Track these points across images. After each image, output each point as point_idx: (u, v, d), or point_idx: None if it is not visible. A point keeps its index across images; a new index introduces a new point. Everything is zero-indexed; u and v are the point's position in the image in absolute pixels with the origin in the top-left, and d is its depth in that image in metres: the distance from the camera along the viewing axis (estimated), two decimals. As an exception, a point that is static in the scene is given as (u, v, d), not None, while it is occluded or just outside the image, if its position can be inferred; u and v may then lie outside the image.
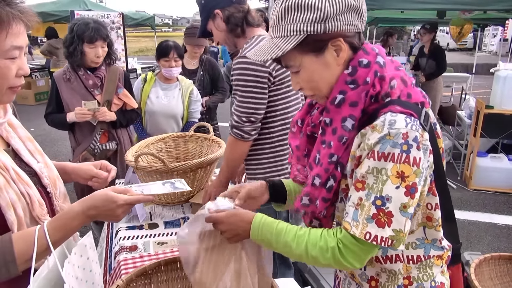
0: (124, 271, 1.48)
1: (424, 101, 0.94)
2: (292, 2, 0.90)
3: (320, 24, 0.88)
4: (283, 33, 0.92)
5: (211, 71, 3.55)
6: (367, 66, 0.92)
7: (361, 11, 0.92)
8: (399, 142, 0.83)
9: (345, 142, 0.91)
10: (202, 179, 2.02)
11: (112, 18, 6.24)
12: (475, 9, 4.65)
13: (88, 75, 2.46)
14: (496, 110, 4.27)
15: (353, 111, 0.90)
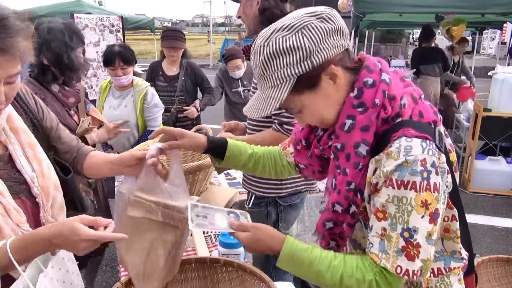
0: (123, 273, 1.49)
1: (436, 120, 0.89)
2: (270, 50, 0.86)
3: (305, 62, 0.85)
4: (272, 82, 0.89)
5: (193, 75, 3.42)
6: (373, 86, 0.88)
7: (341, 30, 0.88)
8: (418, 169, 0.80)
9: (361, 168, 0.88)
10: (201, 181, 2.03)
11: (112, 21, 6.26)
12: (473, 13, 4.68)
13: (66, 91, 1.98)
14: (494, 113, 4.28)
15: (365, 136, 0.87)
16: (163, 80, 3.34)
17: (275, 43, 0.86)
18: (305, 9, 0.90)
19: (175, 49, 3.23)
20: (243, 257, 1.39)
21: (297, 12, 0.90)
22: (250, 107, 0.94)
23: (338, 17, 0.88)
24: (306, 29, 0.84)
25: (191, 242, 1.70)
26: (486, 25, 7.61)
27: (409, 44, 21.28)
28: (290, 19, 0.87)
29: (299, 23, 0.85)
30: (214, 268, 1.20)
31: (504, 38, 10.91)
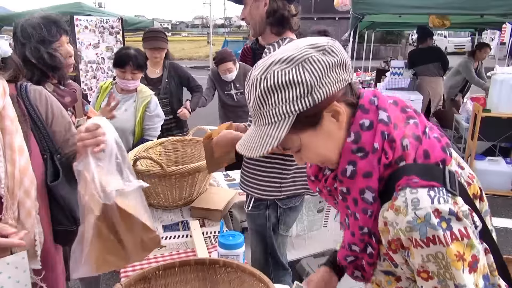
0: (123, 274, 1.49)
1: (445, 157, 0.81)
2: (268, 84, 0.78)
3: (306, 98, 0.78)
4: (269, 119, 0.81)
5: (176, 76, 3.29)
6: (371, 128, 0.81)
7: (344, 63, 0.81)
8: (435, 222, 0.73)
9: (371, 215, 0.83)
10: (200, 182, 2.03)
11: (111, 23, 6.26)
12: (472, 14, 4.69)
13: (61, 90, 1.87)
14: (493, 113, 4.29)
15: (369, 182, 0.81)
16: (146, 83, 3.08)
17: (274, 77, 0.78)
18: (306, 40, 0.83)
19: (158, 50, 3.13)
20: (242, 258, 1.39)
21: (297, 43, 0.83)
22: (245, 146, 0.85)
23: (341, 50, 0.82)
24: (308, 63, 0.78)
25: (191, 243, 1.70)
26: (485, 26, 7.61)
27: (409, 45, 21.29)
28: (290, 50, 0.80)
29: (300, 55, 0.78)
30: (213, 269, 1.21)
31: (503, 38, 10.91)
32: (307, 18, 18.94)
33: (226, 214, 2.08)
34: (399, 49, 19.10)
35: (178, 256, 1.62)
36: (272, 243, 1.86)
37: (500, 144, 4.55)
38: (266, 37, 1.74)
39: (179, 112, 3.18)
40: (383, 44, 19.31)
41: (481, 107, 4.33)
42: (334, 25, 21.32)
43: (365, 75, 8.43)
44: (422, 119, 0.86)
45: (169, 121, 3.18)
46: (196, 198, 2.04)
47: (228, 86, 3.63)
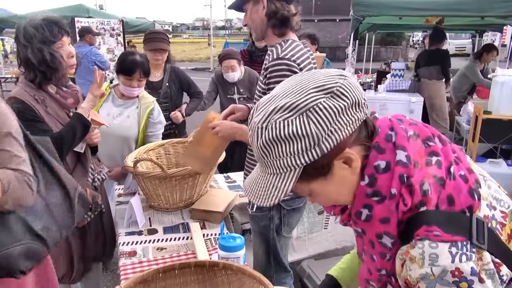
0: (123, 276, 1.49)
1: (472, 204, 0.71)
2: (270, 136, 0.71)
3: (313, 150, 0.70)
4: (274, 170, 0.74)
5: (177, 81, 3.17)
6: (387, 171, 0.73)
7: (357, 102, 0.72)
8: (450, 280, 0.66)
9: (390, 258, 0.77)
10: (201, 185, 2.03)
11: (112, 25, 6.28)
12: (473, 15, 4.69)
13: (64, 92, 1.86)
14: (494, 115, 4.28)
15: (387, 228, 0.74)
16: (145, 87, 2.83)
17: (275, 128, 0.70)
18: (311, 79, 0.73)
19: (160, 51, 3.00)
20: (243, 260, 1.39)
21: (302, 82, 0.73)
22: (251, 191, 0.79)
23: (354, 88, 0.72)
24: (313, 112, 0.69)
25: (191, 245, 1.70)
26: (486, 28, 7.61)
27: (409, 47, 21.29)
28: (294, 94, 0.71)
29: (304, 103, 0.69)
30: (213, 271, 1.20)
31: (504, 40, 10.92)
32: (307, 20, 18.95)
33: (227, 216, 2.08)
34: (400, 51, 19.10)
35: (178, 258, 1.62)
36: (275, 245, 1.86)
37: (501, 146, 4.54)
38: (269, 39, 1.76)
39: (173, 114, 3.06)
40: (383, 46, 19.32)
41: (482, 109, 4.33)
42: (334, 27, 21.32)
43: (365, 77, 8.43)
44: (447, 150, 0.76)
45: (168, 127, 3.06)
46: (197, 200, 2.04)
47: (231, 89, 3.49)
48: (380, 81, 6.70)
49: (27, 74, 1.76)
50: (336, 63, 16.75)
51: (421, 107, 5.08)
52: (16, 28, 1.76)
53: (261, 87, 1.72)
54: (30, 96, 1.73)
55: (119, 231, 1.84)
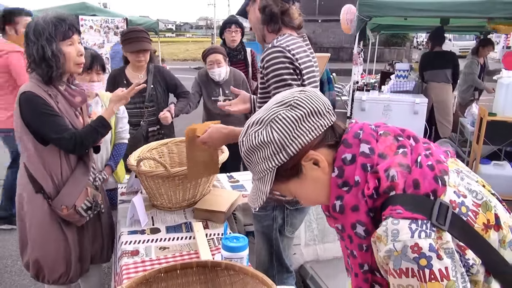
0: (125, 275, 1.48)
1: (436, 188, 0.76)
2: (247, 146, 0.87)
3: (280, 154, 0.83)
4: (257, 175, 0.89)
5: (163, 82, 2.93)
6: (353, 162, 0.83)
7: (317, 111, 0.84)
8: (411, 256, 0.70)
9: (367, 249, 0.83)
10: (204, 184, 2.02)
11: (116, 23, 6.28)
12: (478, 17, 4.66)
13: (72, 90, 1.88)
14: (499, 117, 4.26)
15: (358, 216, 0.81)
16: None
17: (250, 139, 0.86)
18: (275, 98, 0.89)
19: (143, 52, 2.75)
20: (246, 261, 1.38)
21: (269, 103, 0.89)
22: (249, 199, 0.95)
23: (312, 98, 0.85)
24: (274, 122, 0.83)
25: (194, 245, 1.69)
26: (491, 30, 7.57)
27: (413, 48, 21.24)
28: (262, 111, 0.87)
29: (267, 116, 0.85)
30: (215, 271, 1.20)
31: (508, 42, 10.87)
32: (311, 20, 18.92)
33: (230, 216, 2.07)
34: (404, 52, 19.04)
35: (181, 258, 1.61)
36: (277, 245, 1.85)
37: (505, 148, 4.52)
38: (267, 38, 1.76)
39: (162, 115, 2.78)
40: (387, 47, 19.26)
41: (486, 111, 4.30)
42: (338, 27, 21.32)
43: (369, 78, 8.40)
44: (418, 146, 0.84)
45: (156, 132, 2.91)
46: (200, 200, 2.03)
47: (216, 91, 3.24)
48: (384, 82, 6.67)
49: (32, 69, 1.78)
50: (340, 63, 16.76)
51: (425, 108, 5.04)
52: (28, 24, 1.77)
53: (261, 81, 1.70)
54: (44, 92, 1.76)
55: (121, 230, 1.83)
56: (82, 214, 1.84)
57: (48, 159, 1.80)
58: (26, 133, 1.78)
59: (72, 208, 1.80)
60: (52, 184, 1.82)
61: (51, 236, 1.85)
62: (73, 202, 1.81)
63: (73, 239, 1.89)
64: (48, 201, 1.81)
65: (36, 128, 1.76)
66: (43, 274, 1.90)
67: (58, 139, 1.77)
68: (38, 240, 1.86)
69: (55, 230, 1.85)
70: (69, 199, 1.81)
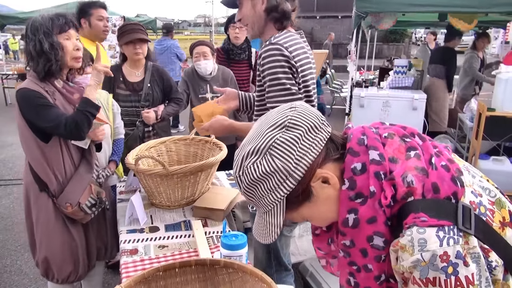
0: (124, 274, 1.48)
1: (456, 190, 0.73)
2: (247, 181, 0.79)
3: (287, 181, 0.77)
4: (264, 208, 0.82)
5: (160, 81, 2.85)
6: (364, 171, 0.77)
7: (313, 126, 0.78)
8: (440, 266, 0.68)
9: (385, 259, 0.78)
10: (203, 182, 2.01)
11: (114, 22, 6.26)
12: (476, 12, 4.65)
13: (70, 87, 1.89)
14: (498, 112, 4.25)
15: (375, 228, 0.76)
16: (124, 88, 2.75)
17: (249, 173, 0.78)
18: (266, 120, 0.81)
19: (139, 43, 2.67)
20: (245, 259, 1.37)
21: (259, 127, 0.81)
22: (257, 233, 0.87)
23: (305, 114, 0.79)
24: (274, 149, 0.76)
25: (193, 243, 1.69)
26: (490, 25, 7.56)
27: (412, 44, 21.21)
28: (254, 139, 0.79)
29: (264, 143, 0.77)
30: (214, 270, 1.19)
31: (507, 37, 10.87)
32: (309, 17, 18.88)
33: (229, 214, 2.07)
34: (402, 48, 19.04)
35: (180, 256, 1.61)
36: (275, 244, 1.84)
37: (504, 143, 4.52)
38: (267, 34, 1.73)
39: (144, 113, 2.70)
40: (386, 43, 19.24)
41: (485, 106, 4.30)
42: (337, 24, 21.24)
43: (368, 74, 8.40)
44: (426, 145, 0.80)
45: (149, 132, 2.84)
46: (199, 198, 2.02)
47: (203, 88, 3.12)
48: (382, 78, 6.67)
49: (30, 67, 1.80)
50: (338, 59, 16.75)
51: (424, 104, 5.05)
52: (26, 23, 1.81)
53: (258, 78, 1.70)
54: (41, 88, 1.78)
55: (120, 229, 1.83)
56: (87, 211, 1.85)
57: (50, 156, 1.81)
58: (28, 130, 1.79)
59: (77, 206, 1.82)
60: (56, 182, 1.83)
61: (57, 235, 1.87)
62: (77, 200, 1.82)
63: (79, 236, 1.92)
64: (52, 200, 1.83)
65: (34, 121, 1.77)
66: (52, 273, 1.92)
67: (52, 128, 1.77)
68: (44, 239, 1.88)
69: (61, 228, 1.87)
70: (73, 196, 1.82)
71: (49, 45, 1.72)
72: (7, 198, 4.33)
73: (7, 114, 8.29)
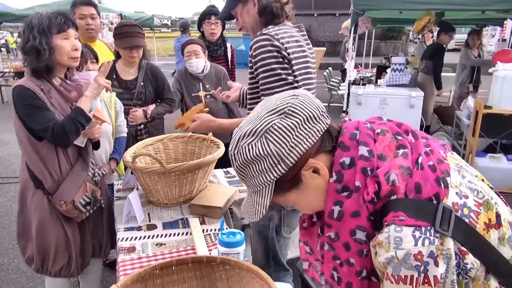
0: (122, 272, 1.48)
1: (438, 191, 0.74)
2: (241, 160, 0.82)
3: (279, 165, 0.79)
4: (253, 188, 0.84)
5: (154, 80, 2.82)
6: (352, 166, 0.79)
7: (312, 116, 0.79)
8: (413, 264, 0.70)
9: (367, 254, 0.80)
10: (200, 179, 2.01)
11: (111, 19, 6.24)
12: (473, 9, 4.65)
13: (68, 85, 1.87)
14: (495, 110, 4.27)
15: (358, 222, 0.78)
16: (117, 86, 2.72)
17: (243, 153, 0.81)
18: (266, 105, 0.83)
19: (136, 48, 2.67)
20: (243, 256, 1.38)
21: (259, 110, 0.83)
22: (245, 211, 0.91)
23: (306, 103, 0.80)
24: (270, 133, 0.78)
25: (191, 241, 1.69)
26: (487, 22, 7.57)
27: (409, 41, 21.23)
28: (253, 121, 0.81)
29: (261, 126, 0.79)
30: (211, 267, 1.19)
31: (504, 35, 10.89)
32: (307, 14, 18.85)
33: (226, 211, 2.07)
34: (400, 46, 19.03)
35: (178, 254, 1.61)
36: (274, 245, 1.84)
37: (501, 141, 4.53)
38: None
39: (133, 110, 2.70)
40: (383, 40, 19.23)
41: (482, 103, 4.31)
42: (334, 21, 21.21)
43: (365, 72, 8.40)
44: (418, 143, 0.81)
45: (141, 131, 2.81)
46: (196, 196, 2.02)
47: (196, 86, 3.08)
48: (380, 76, 6.68)
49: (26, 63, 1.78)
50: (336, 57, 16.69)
51: (421, 101, 5.06)
52: (24, 20, 1.80)
53: (250, 71, 1.68)
54: (37, 86, 1.76)
55: (118, 227, 1.82)
56: (81, 209, 1.85)
57: (45, 154, 1.81)
58: (22, 128, 1.79)
59: (71, 204, 1.81)
60: (51, 179, 1.83)
61: (52, 231, 1.88)
62: (71, 198, 1.82)
63: (73, 233, 1.91)
64: (48, 197, 1.83)
65: (25, 121, 1.76)
66: (46, 266, 1.92)
67: (40, 130, 1.75)
68: (39, 235, 1.88)
69: (55, 225, 1.87)
70: (68, 194, 1.82)
71: (41, 44, 1.70)
72: (4, 197, 4.32)
73: (4, 112, 8.26)
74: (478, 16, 5.73)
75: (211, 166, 2.07)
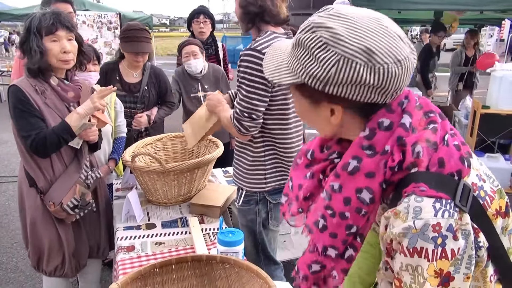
0: (121, 271, 1.48)
1: (461, 169, 0.74)
2: (301, 39, 0.75)
3: (319, 81, 0.74)
4: (289, 64, 0.79)
5: (157, 83, 2.79)
6: (389, 129, 0.76)
7: (383, 88, 0.73)
8: (430, 235, 0.68)
9: (365, 214, 0.79)
10: (199, 179, 2.02)
11: (110, 18, 6.23)
12: (471, 9, 4.68)
13: (65, 85, 1.85)
14: (493, 110, 4.28)
15: (370, 184, 0.76)
16: (120, 88, 2.67)
17: (312, 40, 0.73)
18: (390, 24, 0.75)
19: (142, 54, 2.64)
20: (242, 255, 1.39)
21: (383, 21, 0.75)
22: (268, 62, 0.86)
23: (389, 80, 0.72)
24: (345, 61, 0.71)
25: (190, 240, 1.70)
26: (485, 22, 7.60)
27: (408, 41, 21.21)
28: (356, 32, 0.71)
29: (348, 49, 0.70)
30: (210, 265, 1.20)
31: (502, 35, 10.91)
32: (305, 14, 18.85)
33: (225, 210, 2.08)
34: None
35: (177, 253, 1.61)
36: (262, 238, 1.86)
37: (498, 140, 4.55)
38: (252, 33, 1.75)
39: (138, 116, 2.67)
40: (382, 40, 19.26)
41: (480, 103, 4.33)
42: (333, 21, 21.30)
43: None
44: (444, 123, 0.80)
45: (144, 134, 2.77)
46: (195, 195, 2.03)
47: (194, 87, 3.07)
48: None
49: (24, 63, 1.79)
50: (335, 57, 16.65)
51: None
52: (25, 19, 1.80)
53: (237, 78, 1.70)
54: (31, 86, 1.74)
55: (117, 226, 1.83)
56: (69, 212, 1.81)
57: None
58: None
59: (59, 205, 1.79)
60: (44, 179, 1.82)
61: (44, 231, 1.87)
62: (60, 199, 1.79)
63: (66, 234, 1.89)
64: (40, 196, 1.82)
65: (13, 121, 1.77)
66: (42, 265, 1.92)
67: (21, 136, 1.75)
68: (33, 232, 1.88)
69: (48, 225, 1.86)
70: (57, 195, 1.80)
71: (32, 46, 1.69)
72: (3, 196, 4.32)
73: (2, 111, 8.25)
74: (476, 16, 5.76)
75: (210, 166, 2.07)
